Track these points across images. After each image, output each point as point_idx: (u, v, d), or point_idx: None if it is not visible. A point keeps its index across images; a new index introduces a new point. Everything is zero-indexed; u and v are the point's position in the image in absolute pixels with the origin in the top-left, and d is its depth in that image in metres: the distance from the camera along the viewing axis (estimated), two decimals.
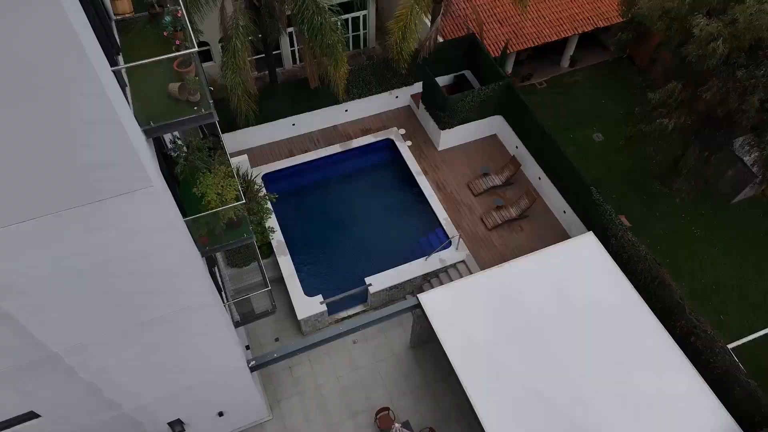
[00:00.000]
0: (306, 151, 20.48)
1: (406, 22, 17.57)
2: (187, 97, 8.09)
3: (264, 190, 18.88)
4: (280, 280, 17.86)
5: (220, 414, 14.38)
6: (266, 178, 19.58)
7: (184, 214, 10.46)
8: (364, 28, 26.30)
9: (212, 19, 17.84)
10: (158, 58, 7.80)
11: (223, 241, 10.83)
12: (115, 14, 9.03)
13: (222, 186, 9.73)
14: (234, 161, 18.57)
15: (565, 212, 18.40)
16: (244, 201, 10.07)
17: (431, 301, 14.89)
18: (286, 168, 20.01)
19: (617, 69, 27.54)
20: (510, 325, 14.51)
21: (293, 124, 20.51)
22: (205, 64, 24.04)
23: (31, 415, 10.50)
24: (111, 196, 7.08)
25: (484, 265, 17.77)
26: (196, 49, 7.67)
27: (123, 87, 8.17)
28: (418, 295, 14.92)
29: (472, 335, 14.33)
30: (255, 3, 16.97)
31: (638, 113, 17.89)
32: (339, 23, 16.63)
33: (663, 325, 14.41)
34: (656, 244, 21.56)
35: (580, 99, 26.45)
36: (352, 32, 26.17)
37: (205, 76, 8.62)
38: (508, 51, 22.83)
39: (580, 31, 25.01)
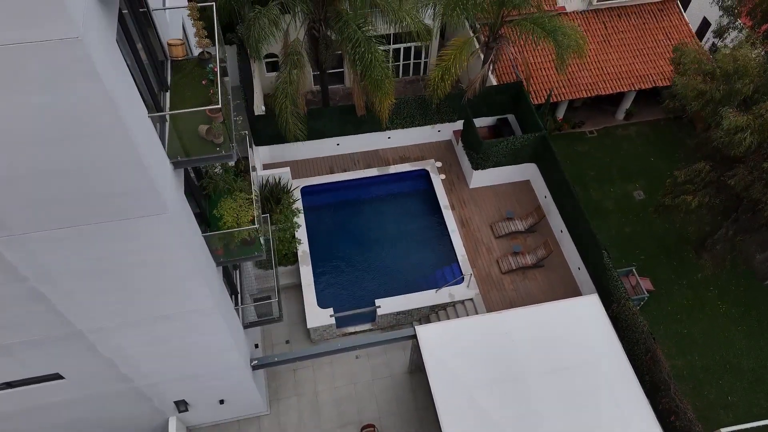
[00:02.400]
0: (345, 170, 21.85)
1: (449, 64, 18.49)
2: (212, 138, 9.51)
3: (300, 203, 20.43)
4: (299, 287, 19.29)
5: (221, 402, 15.93)
6: (304, 190, 21.07)
7: (208, 225, 12.02)
8: (426, 57, 27.38)
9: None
10: (191, 110, 9.32)
11: (237, 256, 12.30)
12: (170, 56, 10.60)
13: (239, 211, 11.13)
14: (277, 172, 20.20)
15: (579, 269, 18.77)
16: (257, 226, 11.43)
17: (427, 334, 15.80)
18: (324, 184, 21.45)
19: (674, 129, 27.19)
20: (497, 371, 15.20)
21: (338, 144, 21.93)
22: (270, 74, 25.92)
23: (57, 377, 12.36)
24: (132, 218, 8.60)
25: (491, 307, 18.46)
26: (220, 106, 9.05)
27: (163, 122, 9.72)
28: (416, 327, 15.88)
29: (459, 374, 15.13)
30: (315, 34, 18.45)
31: (668, 185, 17.99)
32: (388, 60, 17.82)
33: (647, 398, 14.67)
34: (677, 313, 21.41)
35: (629, 154, 26.37)
36: (414, 59, 27.33)
37: (232, 122, 10.01)
38: (552, 99, 23.27)
39: (637, 88, 25.01)
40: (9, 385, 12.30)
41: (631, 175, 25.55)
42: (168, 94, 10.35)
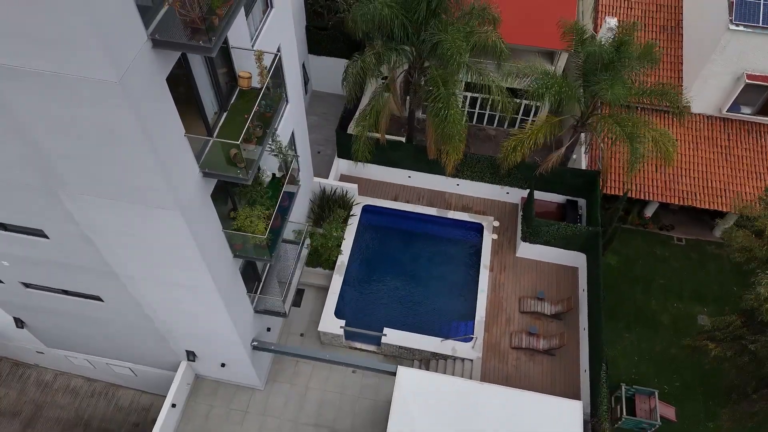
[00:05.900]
0: (408, 202, 23.30)
1: (524, 138, 19.05)
2: (236, 162, 11.63)
3: (356, 219, 22.33)
4: (327, 290, 21.20)
5: (223, 365, 18.44)
6: (366, 208, 22.91)
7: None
8: (534, 115, 27.72)
9: None
10: (219, 140, 11.53)
11: (250, 254, 14.49)
12: (239, 86, 12.89)
13: (252, 220, 13.21)
14: (346, 185, 22.30)
15: (585, 371, 18.55)
16: (265, 237, 13.43)
17: (405, 377, 16.92)
18: (385, 207, 23.10)
19: None
20: None
21: (409, 177, 23.44)
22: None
23: (98, 298, 15.54)
24: (151, 207, 11.01)
25: (486, 375, 18.98)
26: (240, 142, 11.10)
27: (210, 136, 12.02)
28: (398, 366, 17.07)
29: (417, 424, 16.11)
30: (409, 78, 20.07)
31: (705, 323, 17.13)
32: (464, 119, 18.89)
33: None
34: None
35: (712, 274, 24.61)
36: (522, 115, 27.81)
37: (262, 154, 12.03)
38: (638, 197, 22.66)
39: (738, 213, 23.28)
40: (66, 292, 15.73)
41: (705, 297, 23.91)
42: (225, 115, 12.66)
